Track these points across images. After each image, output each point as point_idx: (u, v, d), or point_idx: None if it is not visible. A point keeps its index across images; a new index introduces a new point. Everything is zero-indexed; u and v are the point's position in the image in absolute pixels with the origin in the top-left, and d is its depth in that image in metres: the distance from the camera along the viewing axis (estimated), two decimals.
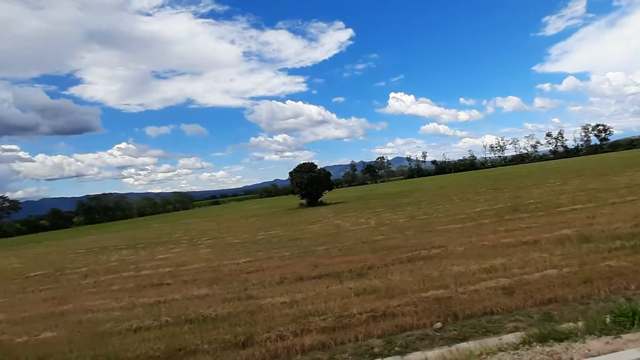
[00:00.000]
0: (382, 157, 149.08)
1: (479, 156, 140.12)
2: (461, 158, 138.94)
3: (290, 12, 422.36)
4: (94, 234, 41.22)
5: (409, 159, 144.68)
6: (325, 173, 41.68)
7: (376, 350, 4.65)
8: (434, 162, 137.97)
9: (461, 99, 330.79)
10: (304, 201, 41.49)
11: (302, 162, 41.03)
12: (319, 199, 41.43)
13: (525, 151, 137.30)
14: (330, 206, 36.26)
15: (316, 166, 41.21)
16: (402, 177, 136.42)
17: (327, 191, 42.79)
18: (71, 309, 8.79)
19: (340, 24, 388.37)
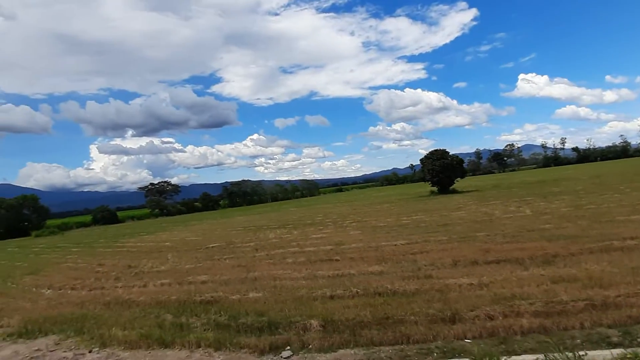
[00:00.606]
0: (512, 144, 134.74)
1: (634, 142, 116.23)
2: (610, 144, 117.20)
3: None
4: (241, 215, 46.24)
5: (544, 146, 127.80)
6: (457, 160, 39.59)
7: (614, 339, 4.33)
8: (575, 149, 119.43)
9: (607, 77, 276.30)
10: (435, 188, 40.18)
11: (420, 150, 39.77)
12: (451, 187, 39.65)
13: None
14: (465, 194, 34.42)
15: (448, 152, 39.35)
16: (534, 165, 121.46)
17: (459, 179, 40.72)
18: (260, 275, 10.06)
19: (463, 4, 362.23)
